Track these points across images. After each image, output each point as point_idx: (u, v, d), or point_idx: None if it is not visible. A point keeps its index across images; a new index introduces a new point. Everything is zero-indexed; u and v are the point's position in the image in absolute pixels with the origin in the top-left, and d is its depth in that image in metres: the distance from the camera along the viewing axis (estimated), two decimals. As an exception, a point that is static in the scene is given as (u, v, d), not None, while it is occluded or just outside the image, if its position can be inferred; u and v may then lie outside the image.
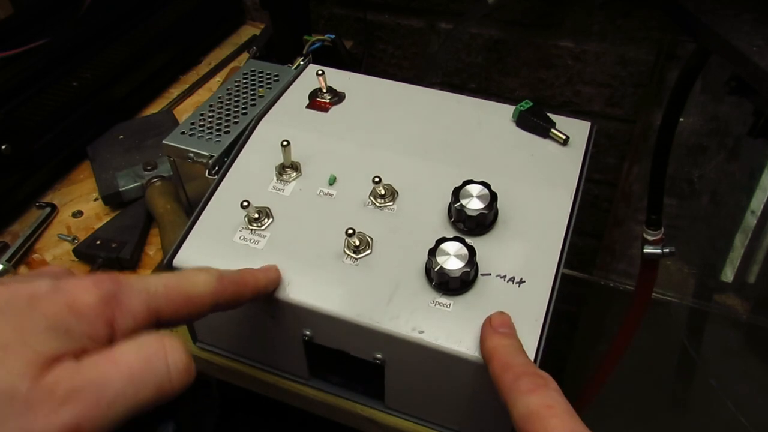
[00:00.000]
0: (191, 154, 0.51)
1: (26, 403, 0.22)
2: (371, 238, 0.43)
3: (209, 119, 0.54)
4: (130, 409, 0.24)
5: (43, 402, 0.22)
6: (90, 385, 0.23)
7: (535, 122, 0.50)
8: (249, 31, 0.90)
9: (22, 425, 0.22)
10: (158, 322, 0.29)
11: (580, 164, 0.48)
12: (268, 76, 0.58)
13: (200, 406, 0.30)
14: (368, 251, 0.43)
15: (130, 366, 0.25)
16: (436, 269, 0.39)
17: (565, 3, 0.78)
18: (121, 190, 0.62)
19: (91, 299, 0.26)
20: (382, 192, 0.45)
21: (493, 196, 0.42)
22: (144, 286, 0.28)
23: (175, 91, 0.79)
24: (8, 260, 0.57)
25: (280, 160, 0.48)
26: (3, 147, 0.59)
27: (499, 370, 0.34)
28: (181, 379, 0.26)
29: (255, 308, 0.44)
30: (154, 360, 0.25)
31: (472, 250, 0.40)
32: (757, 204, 0.76)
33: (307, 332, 0.43)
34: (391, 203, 0.46)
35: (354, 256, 0.43)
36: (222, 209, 0.46)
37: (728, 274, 0.83)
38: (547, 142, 0.50)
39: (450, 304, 0.40)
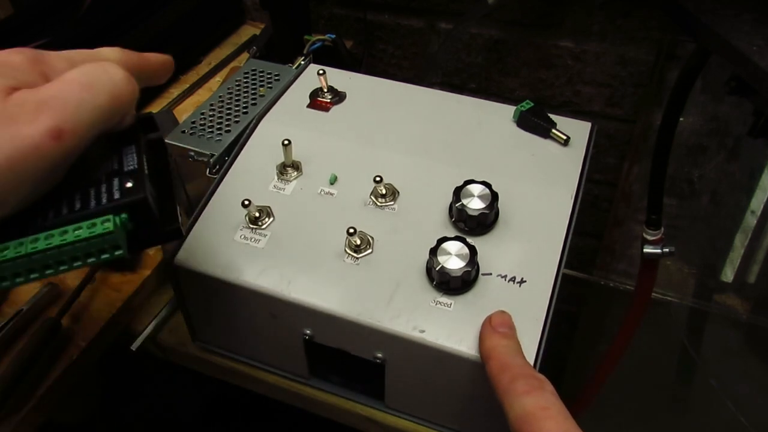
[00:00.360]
0: (192, 153, 0.51)
1: (4, 117, 0.25)
2: (372, 238, 0.43)
3: (210, 118, 0.54)
4: (95, 116, 0.27)
5: (19, 114, 0.25)
6: (52, 97, 0.26)
7: (535, 122, 0.50)
8: (249, 31, 0.90)
9: (12, 133, 0.24)
10: None
11: (581, 164, 0.48)
12: (268, 76, 0.58)
13: (146, 129, 0.35)
14: (369, 250, 0.43)
15: (78, 80, 0.27)
16: (437, 269, 0.39)
17: (565, 3, 0.78)
18: (121, 189, 0.62)
19: (20, 58, 0.28)
20: (383, 191, 0.45)
21: (494, 196, 0.42)
22: (64, 55, 0.31)
23: (175, 91, 0.78)
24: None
25: (281, 159, 0.48)
26: (3, 146, 0.59)
27: (496, 370, 0.34)
28: (125, 85, 0.29)
29: (255, 307, 0.44)
30: (97, 73, 0.28)
31: (473, 250, 0.40)
32: (757, 204, 0.76)
33: (308, 331, 0.43)
34: (392, 203, 0.46)
35: (355, 255, 0.43)
36: (223, 208, 0.46)
37: (728, 274, 0.83)
38: (547, 142, 0.50)
39: (451, 304, 0.40)
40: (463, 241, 0.40)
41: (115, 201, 0.29)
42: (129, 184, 0.30)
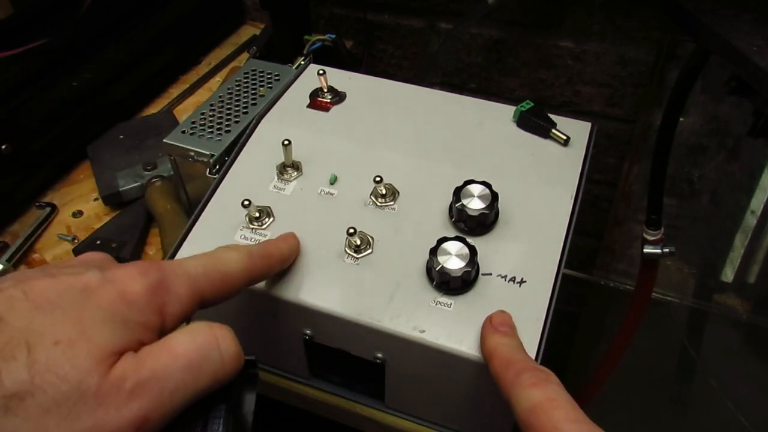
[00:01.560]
0: (192, 153, 0.51)
1: (97, 398, 0.23)
2: (372, 238, 0.43)
3: (210, 118, 0.54)
4: (189, 397, 0.25)
5: (112, 396, 0.23)
6: (153, 377, 0.24)
7: (535, 122, 0.50)
8: (249, 31, 0.90)
9: (95, 421, 0.22)
10: (201, 304, 0.30)
11: (581, 165, 0.48)
12: (268, 76, 0.58)
13: (244, 383, 0.31)
14: (369, 250, 0.43)
15: (187, 356, 0.25)
16: (437, 269, 0.39)
17: (565, 3, 0.78)
18: (121, 190, 0.62)
19: (140, 288, 0.26)
20: (383, 191, 0.45)
21: (494, 196, 0.42)
22: (185, 270, 0.29)
23: (175, 91, 0.79)
24: (8, 260, 0.57)
25: (281, 159, 0.48)
26: (3, 147, 0.59)
27: (500, 367, 0.34)
28: (233, 365, 0.27)
29: (255, 307, 0.44)
30: (208, 349, 0.26)
31: (473, 250, 0.40)
32: (757, 204, 0.76)
33: (308, 331, 0.43)
34: (392, 203, 0.46)
35: (355, 255, 0.43)
36: (223, 208, 0.46)
37: (728, 274, 0.83)
38: (547, 142, 0.50)
39: (451, 304, 0.40)
40: (463, 241, 0.40)
41: None
42: None
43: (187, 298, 0.28)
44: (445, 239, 0.40)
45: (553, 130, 0.50)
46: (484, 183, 0.43)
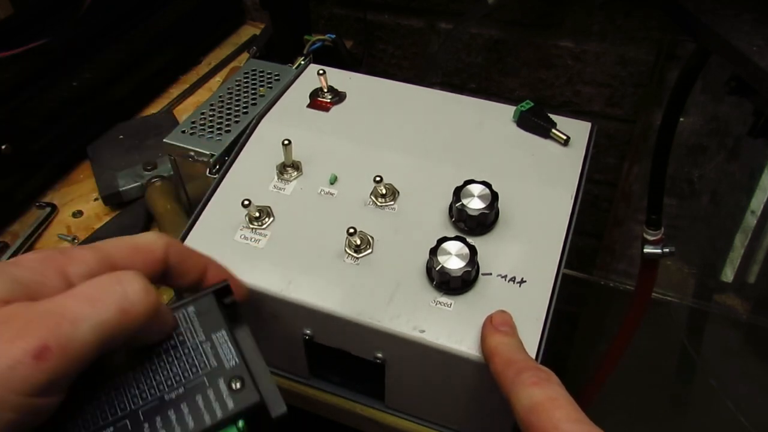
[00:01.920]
0: (192, 153, 0.51)
1: None
2: (372, 238, 0.43)
3: (210, 118, 0.54)
4: (97, 329, 0.25)
5: (2, 331, 0.23)
6: (46, 312, 0.24)
7: (535, 122, 0.50)
8: (249, 31, 0.90)
9: None
10: (113, 266, 0.29)
11: (581, 165, 0.48)
12: (268, 76, 0.58)
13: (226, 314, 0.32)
14: (369, 250, 0.43)
15: (83, 292, 0.26)
16: (437, 268, 0.39)
17: (565, 3, 0.78)
18: (121, 190, 0.62)
19: (32, 255, 0.28)
20: (383, 191, 0.45)
21: (494, 196, 0.42)
22: (96, 246, 0.30)
23: (175, 91, 0.79)
24: (8, 260, 0.57)
25: (281, 159, 0.48)
26: (3, 147, 0.59)
27: (501, 366, 0.34)
28: (141, 300, 0.26)
29: (255, 307, 0.44)
30: (107, 284, 0.26)
31: (473, 250, 0.40)
32: (757, 204, 0.76)
33: (308, 331, 0.43)
34: (392, 203, 0.46)
35: (355, 255, 0.43)
36: (223, 208, 0.46)
37: (728, 274, 0.83)
38: (547, 142, 0.50)
39: (451, 304, 0.40)
40: (463, 241, 0.40)
41: (231, 411, 0.28)
42: (238, 385, 0.28)
43: (93, 260, 0.28)
44: (445, 239, 0.40)
45: (553, 130, 0.50)
46: (484, 183, 0.43)
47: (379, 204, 0.45)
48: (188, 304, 0.32)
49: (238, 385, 0.28)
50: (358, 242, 0.43)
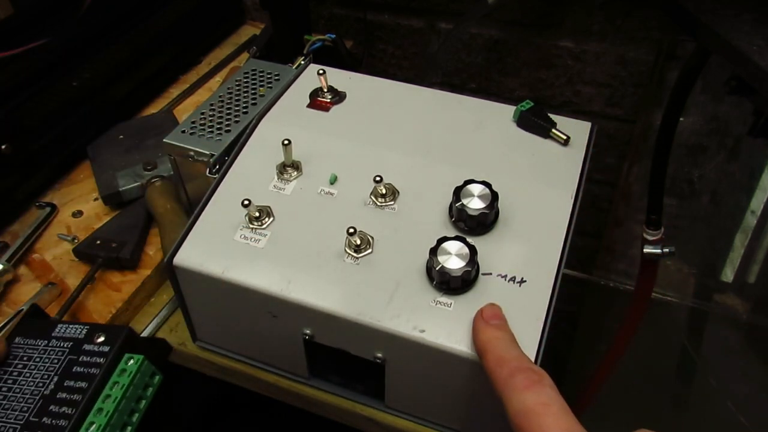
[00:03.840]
0: (192, 153, 0.51)
1: None
2: (372, 237, 0.43)
3: (210, 118, 0.54)
4: None
5: None
6: None
7: (535, 122, 0.50)
8: (249, 31, 0.90)
9: None
10: None
11: (581, 164, 0.48)
12: (268, 76, 0.58)
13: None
14: (369, 250, 0.43)
15: None
16: (437, 268, 0.39)
17: (565, 3, 0.78)
18: (121, 189, 0.62)
19: None
20: (383, 191, 0.45)
21: (494, 196, 0.42)
22: None
23: (175, 91, 0.79)
24: (8, 260, 0.57)
25: (281, 159, 0.48)
26: (3, 147, 0.59)
27: (493, 364, 0.34)
28: None
29: (255, 307, 0.44)
30: None
31: (473, 250, 0.40)
32: (757, 204, 0.76)
33: (308, 331, 0.43)
34: (392, 202, 0.46)
35: (355, 255, 0.43)
36: (223, 208, 0.46)
37: (728, 274, 0.83)
38: (547, 142, 0.50)
39: (451, 304, 0.40)
40: (463, 240, 0.40)
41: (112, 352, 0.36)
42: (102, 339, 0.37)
43: None
44: (445, 239, 0.40)
45: (553, 130, 0.50)
46: (484, 183, 0.43)
47: (379, 204, 0.45)
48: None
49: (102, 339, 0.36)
50: (358, 242, 0.43)
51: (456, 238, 0.40)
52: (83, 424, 0.34)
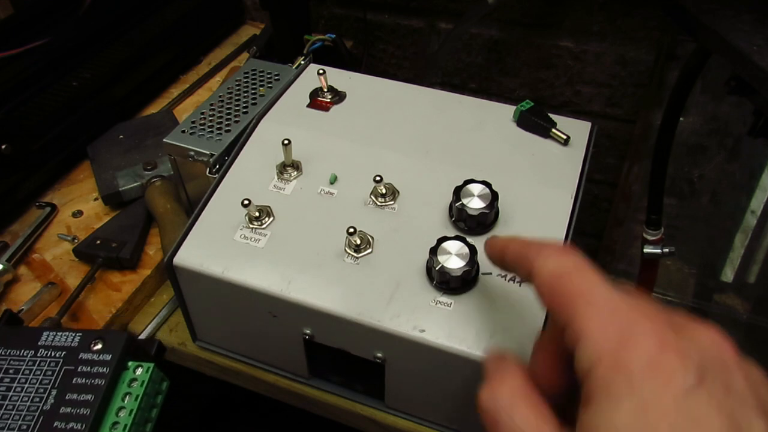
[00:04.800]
0: (192, 153, 0.51)
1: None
2: (372, 237, 0.43)
3: (210, 118, 0.54)
4: None
5: None
6: None
7: (535, 122, 0.50)
8: (249, 31, 0.90)
9: None
10: None
11: (581, 164, 0.48)
12: (268, 76, 0.58)
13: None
14: (369, 250, 0.43)
15: None
16: (437, 268, 0.39)
17: (565, 3, 0.78)
18: (121, 189, 0.62)
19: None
20: (383, 191, 0.45)
21: (494, 196, 0.42)
22: None
23: (175, 91, 0.79)
24: (8, 260, 0.57)
25: (281, 158, 0.48)
26: (3, 147, 0.59)
27: (519, 246, 0.30)
28: None
29: (255, 307, 0.44)
30: None
31: (473, 249, 0.40)
32: (757, 204, 0.76)
33: (308, 331, 0.43)
34: (392, 202, 0.46)
35: (355, 254, 0.43)
36: (223, 208, 0.46)
37: (728, 274, 0.83)
38: (547, 142, 0.50)
39: (451, 303, 0.40)
40: (463, 240, 0.40)
41: (114, 360, 0.35)
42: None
43: None
44: (445, 238, 0.40)
45: (553, 130, 0.50)
46: (484, 182, 0.43)
47: (379, 204, 0.45)
48: None
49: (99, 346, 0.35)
50: (358, 242, 0.43)
51: (456, 237, 0.40)
52: None
